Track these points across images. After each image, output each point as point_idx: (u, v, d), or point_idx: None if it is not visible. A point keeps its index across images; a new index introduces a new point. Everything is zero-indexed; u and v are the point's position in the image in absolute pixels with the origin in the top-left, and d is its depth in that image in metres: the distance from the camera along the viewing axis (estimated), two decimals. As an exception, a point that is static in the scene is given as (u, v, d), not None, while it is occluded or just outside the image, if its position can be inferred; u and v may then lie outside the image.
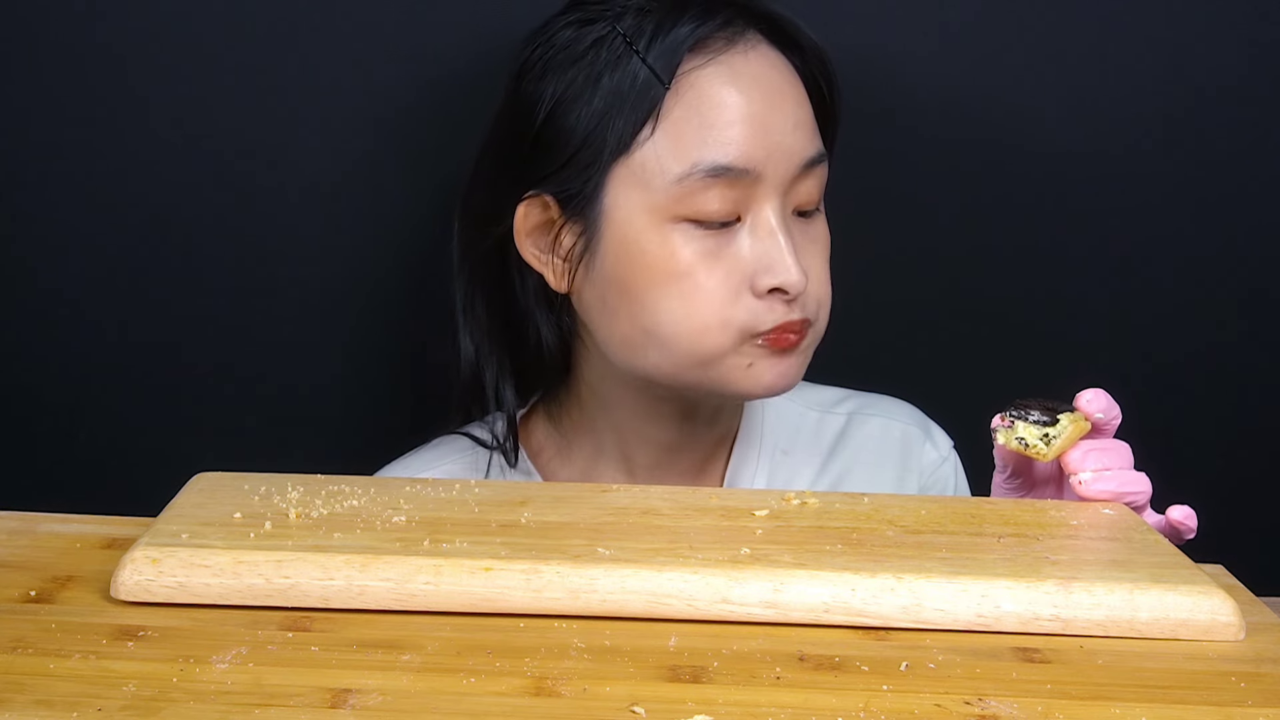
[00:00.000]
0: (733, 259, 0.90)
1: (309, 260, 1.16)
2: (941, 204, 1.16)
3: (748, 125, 0.90)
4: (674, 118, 0.90)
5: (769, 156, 0.90)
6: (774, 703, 0.57)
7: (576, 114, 0.92)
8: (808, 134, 0.93)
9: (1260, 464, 1.21)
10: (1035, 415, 0.81)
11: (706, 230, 0.90)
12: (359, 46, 1.12)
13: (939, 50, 1.13)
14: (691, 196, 0.90)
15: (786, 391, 0.95)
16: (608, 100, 0.91)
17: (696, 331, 0.91)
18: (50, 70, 1.12)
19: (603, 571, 0.65)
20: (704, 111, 0.90)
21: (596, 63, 0.91)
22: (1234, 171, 1.15)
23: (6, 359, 1.17)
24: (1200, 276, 1.18)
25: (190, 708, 0.55)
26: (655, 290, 0.91)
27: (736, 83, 0.90)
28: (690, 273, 0.90)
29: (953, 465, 1.07)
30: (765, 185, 0.90)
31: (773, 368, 0.92)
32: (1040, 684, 0.59)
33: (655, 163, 0.90)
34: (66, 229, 1.15)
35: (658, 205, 0.90)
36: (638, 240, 0.91)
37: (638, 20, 0.91)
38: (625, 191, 0.91)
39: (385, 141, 1.14)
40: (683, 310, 0.91)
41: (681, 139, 0.90)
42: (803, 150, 0.92)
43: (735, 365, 0.92)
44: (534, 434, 1.05)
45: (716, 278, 0.90)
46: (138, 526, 0.73)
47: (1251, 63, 1.14)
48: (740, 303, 0.90)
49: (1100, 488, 0.81)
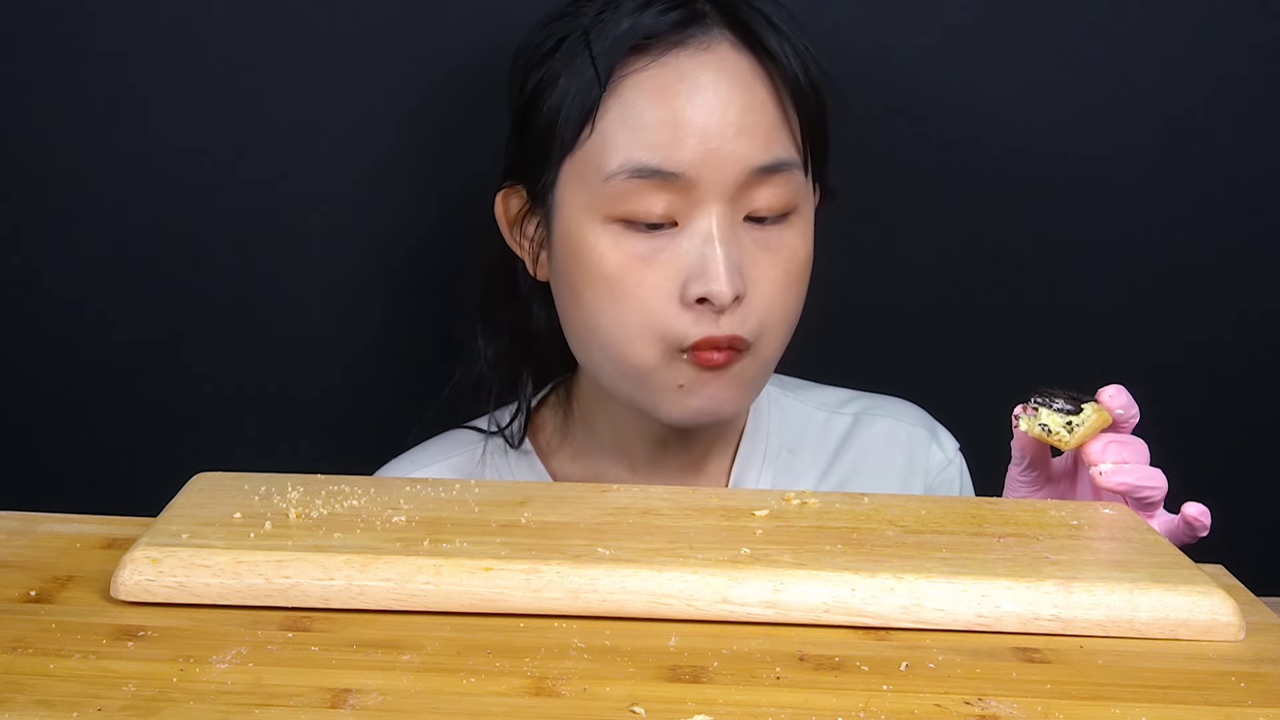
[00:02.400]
0: (666, 264, 0.89)
1: (309, 261, 1.16)
2: (943, 205, 1.16)
3: (679, 130, 0.88)
4: (611, 117, 0.90)
5: (704, 161, 0.88)
6: (774, 703, 0.57)
7: (540, 108, 0.93)
8: (760, 140, 0.90)
9: (1260, 464, 1.21)
10: (1059, 403, 0.82)
11: (639, 233, 0.89)
12: (361, 46, 1.12)
13: (941, 50, 1.13)
14: (625, 197, 0.89)
15: (717, 419, 0.93)
16: (561, 96, 0.91)
17: (626, 338, 0.90)
18: (51, 70, 1.12)
19: (603, 571, 0.65)
20: (636, 113, 0.89)
21: (561, 58, 0.92)
22: (1234, 171, 1.15)
23: (6, 359, 1.17)
24: (1201, 276, 1.18)
25: (190, 708, 0.55)
26: (589, 290, 0.91)
27: (674, 86, 0.89)
28: (619, 276, 0.90)
29: (958, 467, 1.07)
30: (702, 190, 0.89)
31: (704, 392, 0.91)
32: (1040, 684, 0.59)
33: (592, 161, 0.90)
34: (67, 229, 1.15)
35: (593, 204, 0.90)
36: (576, 238, 0.91)
37: (600, 17, 0.91)
38: (570, 188, 0.92)
39: (387, 143, 1.14)
40: (613, 313, 0.90)
41: (613, 139, 0.89)
42: (749, 157, 0.89)
43: (665, 383, 0.91)
44: (543, 427, 1.05)
45: (646, 283, 0.89)
46: (138, 526, 0.73)
47: (1251, 63, 1.14)
48: (669, 310, 0.89)
49: (1120, 480, 0.81)
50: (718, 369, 0.90)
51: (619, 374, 0.93)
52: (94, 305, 1.16)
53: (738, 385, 0.92)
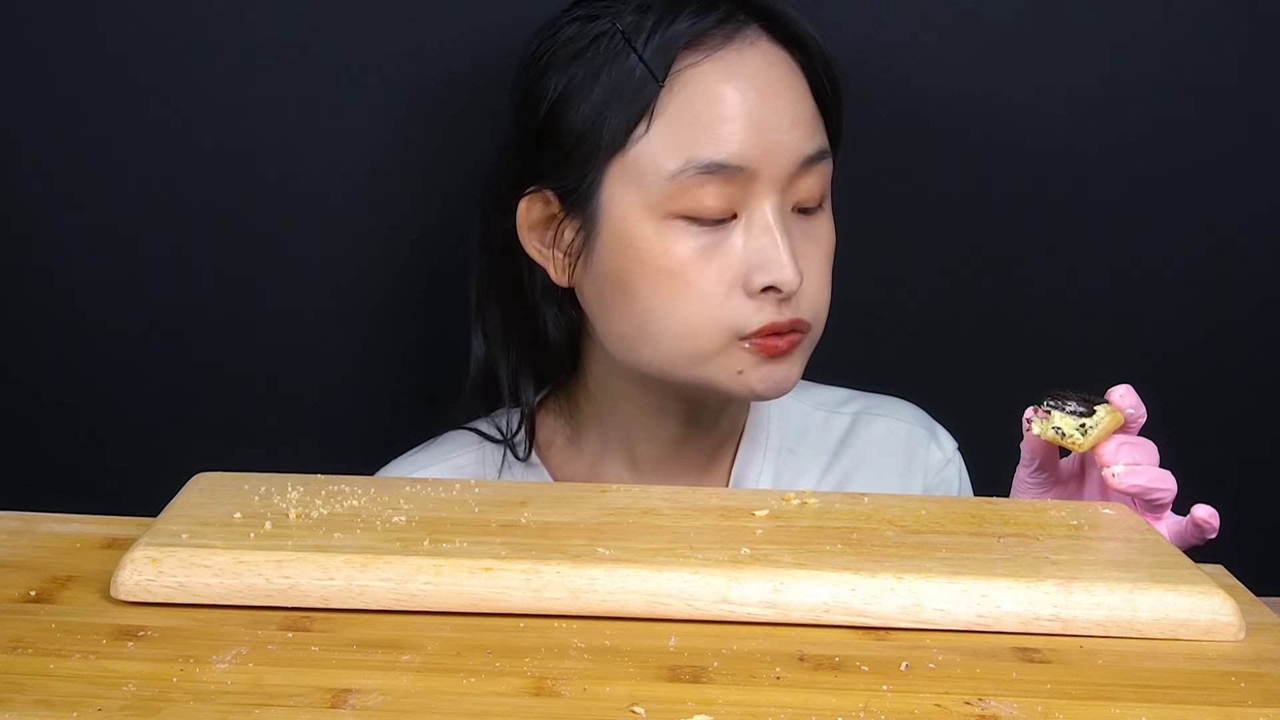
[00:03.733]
0: (727, 256, 0.90)
1: (310, 261, 1.16)
2: (944, 203, 1.16)
3: (742, 122, 0.90)
4: (668, 115, 0.90)
5: (764, 154, 0.90)
6: (774, 703, 0.57)
7: (575, 110, 0.92)
8: (806, 130, 0.92)
9: (1260, 464, 1.21)
10: (1073, 406, 0.82)
11: (701, 227, 0.90)
12: (362, 46, 1.12)
13: (943, 47, 1.13)
14: (686, 193, 0.89)
15: (780, 396, 0.94)
16: (605, 97, 0.91)
17: (686, 330, 0.91)
18: (52, 70, 1.12)
19: (603, 571, 0.65)
20: (698, 108, 0.90)
21: (595, 59, 0.91)
22: (1236, 169, 1.15)
23: (7, 359, 1.17)
24: (1201, 276, 1.17)
25: (190, 708, 0.55)
26: (648, 287, 0.91)
27: (732, 79, 0.90)
28: (683, 270, 0.90)
29: (957, 467, 1.07)
30: (761, 182, 0.90)
31: (763, 375, 0.92)
32: (1040, 684, 0.59)
33: (650, 160, 0.90)
34: (68, 229, 1.15)
35: (652, 202, 0.90)
36: (632, 237, 0.91)
37: (638, 17, 0.91)
38: (621, 188, 0.91)
39: (388, 144, 1.14)
40: (674, 308, 0.91)
41: (676, 136, 0.90)
42: (800, 147, 0.91)
43: (724, 368, 0.92)
44: (543, 428, 1.05)
45: (709, 276, 0.90)
46: (138, 526, 0.73)
47: (1252, 61, 1.13)
48: (731, 302, 0.90)
49: (1132, 481, 0.82)
50: (778, 356, 0.91)
51: (675, 363, 0.93)
52: (94, 305, 1.16)
53: (796, 364, 0.94)
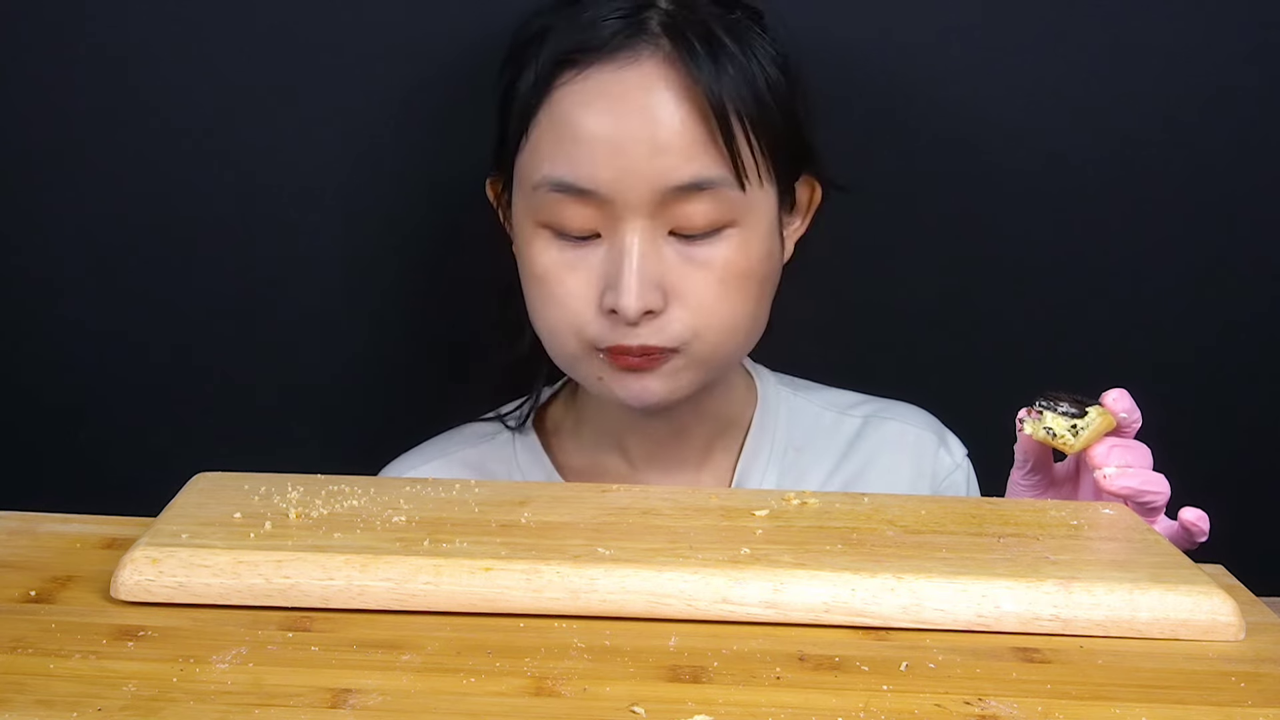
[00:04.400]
0: (588, 271, 0.91)
1: (309, 260, 1.16)
2: (945, 207, 1.16)
3: (596, 147, 0.88)
4: (542, 128, 0.91)
5: (620, 179, 0.88)
6: (774, 703, 0.57)
7: (504, 110, 0.95)
8: (680, 158, 0.88)
9: (1261, 464, 1.21)
10: (1064, 406, 0.82)
11: (565, 241, 0.92)
12: (362, 44, 1.12)
13: (938, 50, 1.13)
14: (547, 207, 0.91)
15: (645, 406, 0.93)
16: (513, 100, 0.94)
17: (553, 333, 0.94)
18: (51, 69, 1.12)
19: (603, 571, 0.65)
20: (560, 127, 0.90)
21: (520, 61, 0.94)
22: (1235, 172, 1.15)
23: (7, 359, 1.17)
24: (1202, 276, 1.17)
25: (190, 708, 0.55)
26: (526, 286, 0.95)
27: (595, 101, 0.89)
28: (546, 277, 0.92)
29: (966, 472, 1.07)
30: (620, 207, 0.89)
31: (623, 385, 0.92)
32: (1040, 684, 0.59)
33: (526, 168, 0.93)
34: (67, 229, 1.15)
35: (525, 209, 0.93)
36: (518, 238, 0.95)
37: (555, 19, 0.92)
38: (516, 189, 0.95)
39: (388, 142, 1.14)
40: (543, 311, 0.94)
41: (540, 151, 0.91)
42: (665, 175, 0.88)
43: (587, 374, 0.94)
44: (551, 415, 1.07)
45: (568, 286, 0.92)
46: (138, 526, 0.73)
47: (1252, 63, 1.13)
48: (588, 315, 0.91)
49: (1124, 483, 0.82)
50: (635, 370, 0.92)
51: (560, 362, 0.96)
52: (94, 305, 1.16)
53: (665, 378, 0.92)
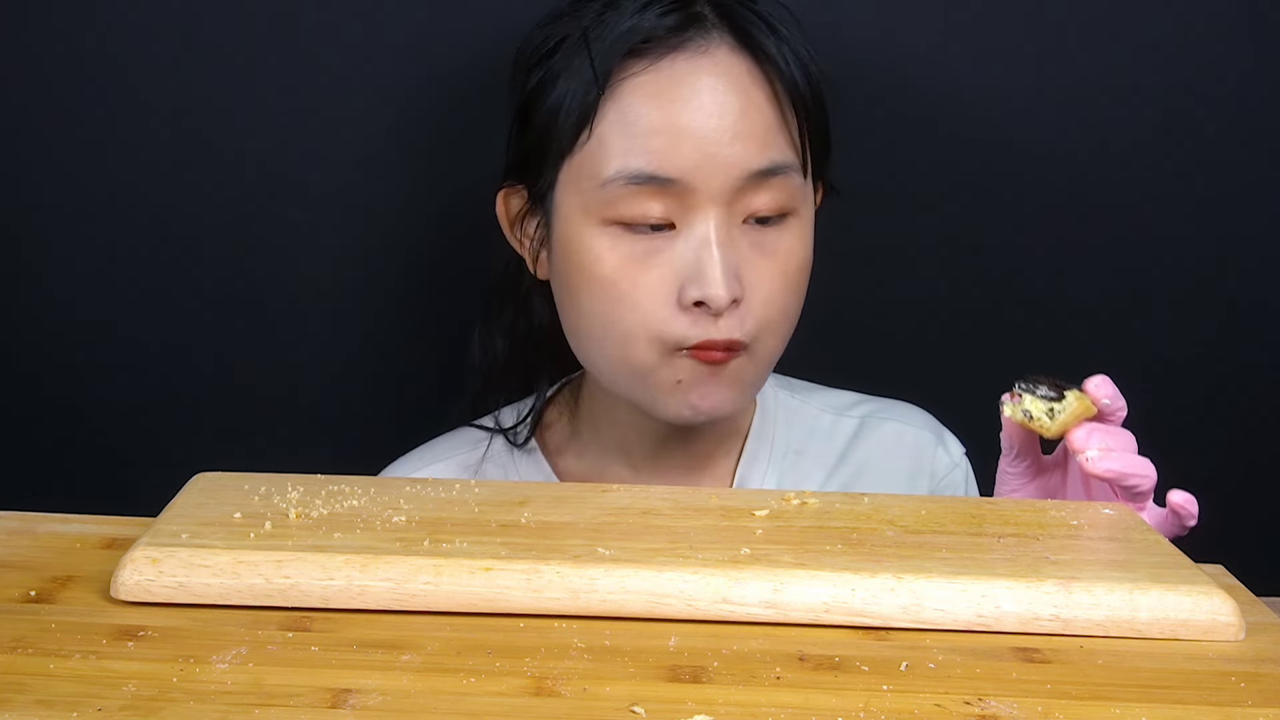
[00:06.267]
0: (663, 266, 0.90)
1: (309, 261, 1.16)
2: (946, 204, 1.16)
3: (674, 135, 0.89)
4: (609, 121, 0.90)
5: (698, 167, 0.89)
6: (774, 703, 0.57)
7: (540, 109, 0.93)
8: (754, 144, 0.90)
9: (1260, 464, 1.21)
10: (1043, 390, 0.82)
11: (637, 235, 0.90)
12: (363, 45, 1.12)
13: (941, 48, 1.13)
14: (620, 201, 0.89)
15: (713, 418, 0.93)
16: (560, 98, 0.91)
17: (623, 338, 0.91)
18: (51, 69, 1.12)
19: (603, 571, 0.65)
20: (632, 118, 0.89)
21: (559, 59, 0.92)
22: (1236, 169, 1.15)
23: (6, 359, 1.17)
24: (1201, 276, 1.18)
25: (190, 708, 0.55)
26: (584, 291, 0.91)
27: (670, 90, 0.89)
28: (615, 278, 0.90)
29: (964, 471, 1.07)
30: (699, 195, 0.89)
31: (702, 390, 0.91)
32: (1040, 684, 0.59)
33: (589, 165, 0.90)
34: (68, 229, 1.15)
35: (589, 207, 0.91)
36: (573, 240, 0.92)
37: (599, 16, 0.91)
38: (567, 191, 0.92)
39: (389, 143, 1.14)
40: (610, 315, 0.91)
41: (610, 144, 0.90)
42: (746, 161, 0.89)
43: (664, 380, 0.91)
44: (550, 422, 1.06)
45: (643, 285, 0.90)
46: (138, 526, 0.73)
47: (1253, 61, 1.14)
48: (665, 313, 0.90)
49: (1106, 466, 0.81)
50: (716, 365, 0.90)
51: (617, 373, 0.93)
52: (94, 305, 1.16)
53: (735, 384, 0.92)
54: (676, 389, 0.91)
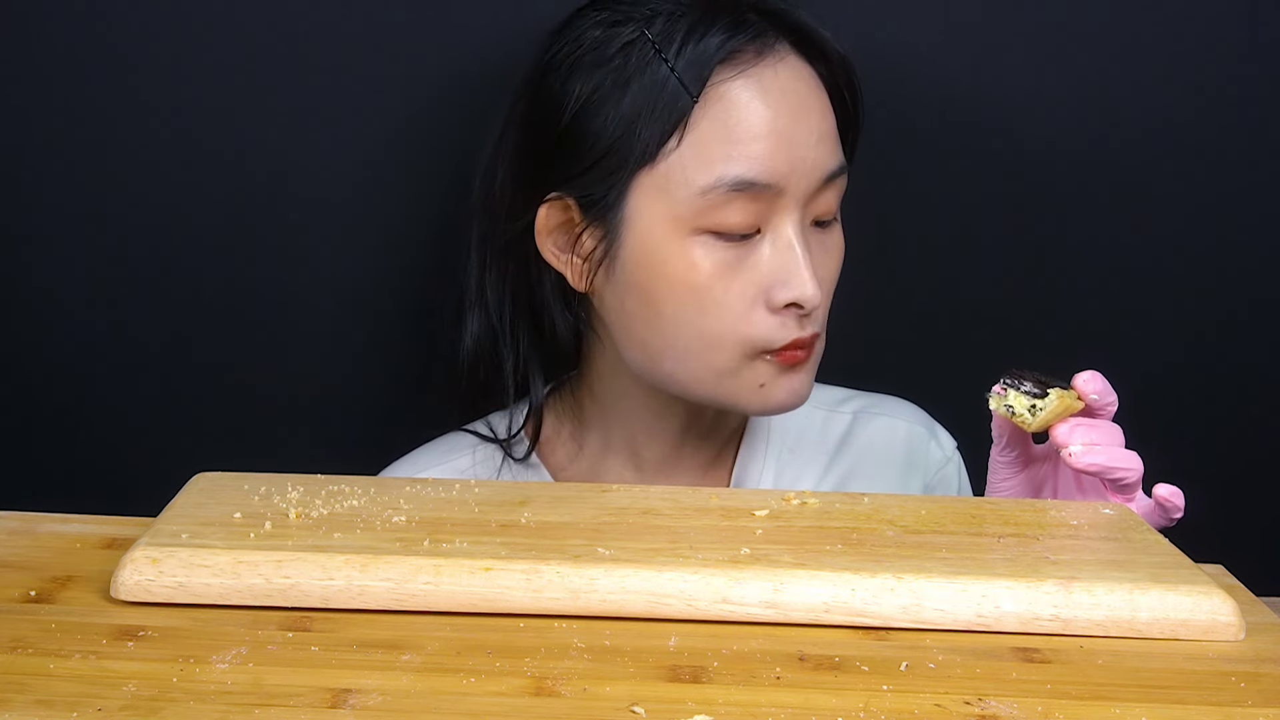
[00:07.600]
0: (750, 271, 0.90)
1: (310, 261, 1.16)
2: (943, 203, 1.16)
3: (773, 140, 0.89)
4: (701, 129, 0.89)
5: (792, 170, 0.90)
6: (774, 703, 0.57)
7: (603, 119, 0.91)
8: (830, 147, 0.92)
9: (1260, 463, 1.21)
10: (1027, 386, 0.83)
11: (726, 242, 0.90)
12: (363, 46, 1.12)
13: (941, 48, 1.13)
14: (714, 209, 0.89)
15: (797, 407, 0.94)
16: (635, 107, 0.90)
17: (711, 345, 0.91)
18: (52, 70, 1.12)
19: (603, 571, 0.65)
20: (730, 125, 0.89)
21: (625, 68, 0.90)
22: (1235, 170, 1.15)
23: (6, 359, 1.17)
24: (1201, 275, 1.17)
25: (190, 708, 0.55)
26: (673, 301, 0.91)
27: (764, 97, 0.90)
28: (708, 285, 0.90)
29: (956, 465, 1.07)
30: (787, 198, 0.90)
31: (785, 386, 0.93)
32: (1040, 684, 0.59)
33: (680, 174, 0.89)
34: (68, 229, 1.15)
35: (680, 216, 0.90)
36: (659, 250, 0.91)
37: (668, 26, 0.90)
38: (648, 200, 0.91)
39: (389, 144, 1.14)
40: (698, 321, 0.91)
41: (707, 152, 0.89)
42: (825, 163, 0.91)
43: (748, 383, 0.92)
44: (545, 426, 1.04)
45: (734, 291, 0.90)
46: (138, 526, 0.73)
47: (1253, 62, 1.13)
48: (754, 317, 0.90)
49: (1090, 460, 0.82)
50: (800, 364, 0.93)
51: (697, 379, 0.93)
52: (94, 305, 1.16)
53: (810, 373, 0.95)
54: (759, 391, 0.93)
